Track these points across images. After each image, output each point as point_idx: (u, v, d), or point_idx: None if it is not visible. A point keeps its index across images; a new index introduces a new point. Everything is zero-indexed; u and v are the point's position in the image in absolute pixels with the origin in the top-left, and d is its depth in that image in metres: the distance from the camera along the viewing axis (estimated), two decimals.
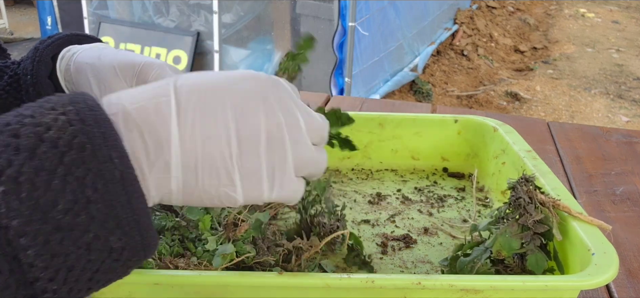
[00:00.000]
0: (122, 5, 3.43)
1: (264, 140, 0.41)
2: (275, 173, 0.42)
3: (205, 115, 0.40)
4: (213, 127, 0.40)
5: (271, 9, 3.09)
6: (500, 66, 4.18)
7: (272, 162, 0.42)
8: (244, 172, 0.41)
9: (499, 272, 0.58)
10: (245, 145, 0.40)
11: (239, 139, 0.40)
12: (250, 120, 0.41)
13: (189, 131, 0.39)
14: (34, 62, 0.61)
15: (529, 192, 0.58)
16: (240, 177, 0.41)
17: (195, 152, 0.39)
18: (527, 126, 1.09)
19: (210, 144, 0.39)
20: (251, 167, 0.41)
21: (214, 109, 0.40)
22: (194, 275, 0.49)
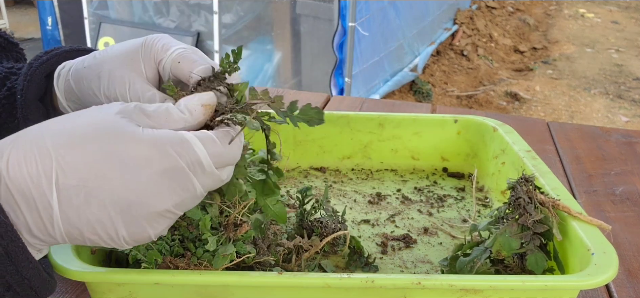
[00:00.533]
0: (123, 6, 3.43)
1: (151, 226, 0.43)
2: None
3: (89, 199, 0.41)
4: (98, 214, 0.42)
5: (271, 9, 3.09)
6: (500, 66, 4.18)
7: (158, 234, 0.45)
8: (132, 243, 0.44)
9: (498, 271, 0.58)
10: (134, 231, 0.43)
11: (127, 226, 0.42)
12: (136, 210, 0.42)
13: (73, 213, 0.41)
14: (25, 82, 0.58)
15: (528, 192, 0.58)
16: (126, 243, 0.44)
17: (81, 231, 0.42)
18: (526, 126, 1.09)
19: (96, 228, 0.42)
20: (141, 240, 0.44)
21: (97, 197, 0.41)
22: (195, 275, 0.49)
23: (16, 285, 0.40)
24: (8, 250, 0.39)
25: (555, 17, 5.23)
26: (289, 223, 0.70)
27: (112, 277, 0.50)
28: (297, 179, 0.86)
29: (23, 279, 0.41)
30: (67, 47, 0.61)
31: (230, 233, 0.56)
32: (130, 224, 0.42)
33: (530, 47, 4.52)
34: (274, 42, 3.16)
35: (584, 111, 3.49)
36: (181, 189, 0.43)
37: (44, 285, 0.43)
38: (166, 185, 0.42)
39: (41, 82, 0.59)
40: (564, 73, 4.06)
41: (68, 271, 0.49)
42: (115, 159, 0.41)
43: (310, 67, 3.13)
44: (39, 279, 0.42)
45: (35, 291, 0.42)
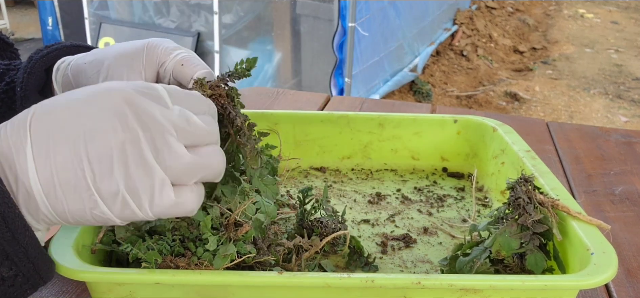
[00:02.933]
0: (123, 6, 3.43)
1: (117, 158, 0.40)
2: (139, 191, 0.41)
3: (57, 143, 0.40)
4: (66, 154, 0.40)
5: (271, 9, 3.10)
6: (500, 66, 4.18)
7: (132, 179, 0.41)
8: (104, 195, 0.41)
9: (498, 271, 0.58)
10: (98, 167, 0.40)
11: (91, 162, 0.40)
12: (99, 141, 0.40)
13: (43, 161, 0.40)
14: (25, 74, 0.59)
15: (528, 192, 0.58)
16: (102, 200, 0.41)
17: (53, 181, 0.40)
18: (526, 126, 1.10)
19: (65, 170, 0.40)
20: (110, 189, 0.40)
21: (65, 135, 0.40)
22: (195, 275, 0.49)
23: (14, 254, 0.40)
24: (4, 216, 0.39)
25: (555, 17, 5.24)
26: (289, 223, 0.70)
27: (112, 276, 0.50)
28: (297, 179, 0.86)
29: (20, 247, 0.40)
30: (68, 43, 0.63)
31: (231, 233, 0.56)
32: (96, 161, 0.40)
33: (530, 48, 4.52)
34: (274, 42, 3.16)
35: (583, 111, 3.49)
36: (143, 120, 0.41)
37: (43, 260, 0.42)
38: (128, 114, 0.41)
39: (41, 75, 0.60)
40: (563, 73, 4.06)
41: (68, 271, 0.49)
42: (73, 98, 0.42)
43: (310, 67, 3.13)
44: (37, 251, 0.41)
45: (33, 263, 0.41)
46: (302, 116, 0.87)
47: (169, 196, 0.42)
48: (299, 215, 0.68)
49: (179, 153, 0.42)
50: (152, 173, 0.41)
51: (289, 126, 0.87)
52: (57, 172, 0.40)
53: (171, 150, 0.41)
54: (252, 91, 1.27)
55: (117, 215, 0.42)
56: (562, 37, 4.74)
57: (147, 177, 0.41)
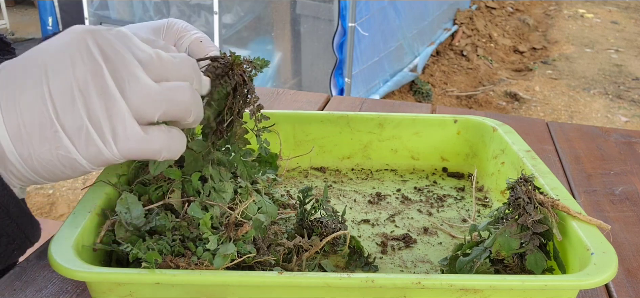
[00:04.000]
0: (123, 6, 3.43)
1: (78, 90, 0.39)
2: (102, 125, 0.40)
3: (22, 84, 0.40)
4: (29, 93, 0.39)
5: (271, 9, 3.10)
6: (500, 66, 4.18)
7: (95, 112, 0.39)
8: (68, 130, 0.40)
9: (498, 271, 0.58)
10: (60, 101, 0.39)
11: (53, 96, 0.39)
12: (60, 75, 0.39)
13: (10, 106, 0.39)
14: None
15: (528, 192, 0.58)
16: (66, 135, 0.40)
17: (18, 121, 0.39)
18: (526, 126, 1.10)
19: (30, 110, 0.39)
20: (73, 124, 0.39)
21: (28, 75, 0.40)
22: (195, 275, 0.49)
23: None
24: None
25: (555, 17, 5.24)
26: (289, 223, 0.70)
27: (112, 276, 0.50)
28: (297, 179, 0.86)
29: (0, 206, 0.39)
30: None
31: (231, 233, 0.56)
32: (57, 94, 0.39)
33: (530, 48, 4.52)
34: (274, 42, 3.16)
35: (583, 111, 3.49)
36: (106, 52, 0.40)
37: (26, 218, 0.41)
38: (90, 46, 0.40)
39: None
40: (563, 73, 4.06)
41: (68, 271, 0.49)
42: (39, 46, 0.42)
43: (310, 67, 3.13)
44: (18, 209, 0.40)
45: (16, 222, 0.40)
46: (302, 116, 0.87)
47: (133, 128, 0.40)
48: (299, 215, 0.68)
49: (142, 83, 0.40)
50: (114, 103, 0.40)
51: (289, 126, 0.87)
52: (22, 113, 0.39)
53: (135, 80, 0.40)
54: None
55: (82, 153, 0.40)
56: (562, 37, 4.74)
57: (109, 108, 0.39)
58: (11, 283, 0.62)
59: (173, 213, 0.58)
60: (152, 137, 0.41)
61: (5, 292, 0.61)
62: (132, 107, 0.40)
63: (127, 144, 0.40)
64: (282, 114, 0.87)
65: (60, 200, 2.31)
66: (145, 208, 0.58)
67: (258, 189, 0.68)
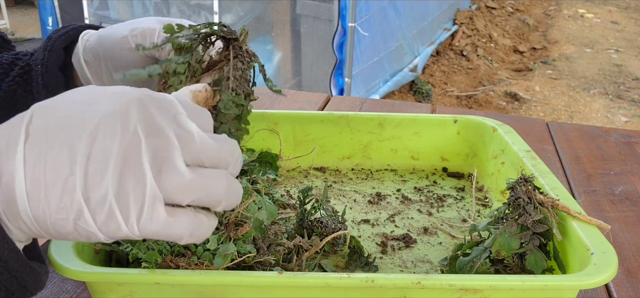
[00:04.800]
0: (123, 6, 3.43)
1: (114, 162, 0.36)
2: (129, 205, 0.37)
3: (53, 142, 0.37)
4: (61, 154, 0.36)
5: (271, 9, 3.10)
6: (500, 66, 4.18)
7: (124, 191, 0.37)
8: (91, 203, 0.37)
9: (498, 271, 0.58)
10: (91, 172, 0.36)
11: (85, 166, 0.36)
12: (99, 145, 0.36)
13: (34, 160, 0.36)
14: (46, 51, 0.61)
15: (528, 192, 0.58)
16: (88, 209, 0.37)
17: (40, 182, 0.37)
18: (526, 126, 1.10)
19: (56, 173, 0.36)
20: (98, 195, 0.37)
21: (64, 135, 0.37)
22: (195, 275, 0.49)
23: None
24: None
25: (555, 17, 5.24)
26: (289, 223, 0.70)
27: (112, 276, 0.50)
28: (297, 179, 0.86)
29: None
30: (83, 24, 0.66)
31: (231, 233, 0.56)
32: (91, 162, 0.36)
33: (530, 48, 4.52)
34: (274, 42, 3.16)
35: (583, 111, 3.49)
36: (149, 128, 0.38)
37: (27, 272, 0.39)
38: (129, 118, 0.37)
39: (60, 52, 0.62)
40: (563, 73, 4.06)
41: (68, 271, 0.49)
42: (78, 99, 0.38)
43: (310, 67, 3.13)
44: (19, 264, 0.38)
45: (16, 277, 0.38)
46: (302, 116, 0.87)
47: (159, 213, 0.38)
48: (299, 215, 0.68)
49: (178, 170, 0.38)
50: (145, 185, 0.37)
51: (289, 126, 0.87)
52: (46, 172, 0.37)
53: (172, 166, 0.38)
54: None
55: (100, 227, 0.38)
56: (562, 37, 4.74)
57: (139, 188, 0.37)
58: None
59: None
60: (177, 222, 0.39)
61: None
62: (163, 192, 0.38)
63: (150, 228, 0.38)
64: (282, 114, 0.87)
65: None
66: None
67: (258, 189, 0.68)
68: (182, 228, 0.39)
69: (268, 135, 0.86)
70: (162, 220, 0.38)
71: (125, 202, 0.37)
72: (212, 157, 0.40)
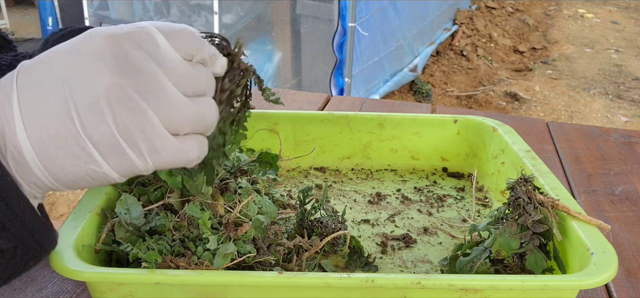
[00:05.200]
0: (123, 6, 3.43)
1: (106, 104, 0.37)
2: (136, 139, 0.38)
3: (44, 91, 0.37)
4: (53, 104, 0.37)
5: (271, 9, 3.10)
6: (500, 66, 4.18)
7: (127, 127, 0.37)
8: (98, 145, 0.37)
9: (498, 271, 0.58)
10: (87, 116, 0.37)
11: (78, 111, 0.37)
12: (86, 86, 0.37)
13: (31, 112, 0.37)
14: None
15: (528, 192, 0.58)
16: (97, 150, 0.38)
17: (43, 136, 0.37)
18: (526, 126, 1.10)
19: (54, 121, 0.37)
20: (103, 139, 0.37)
21: (51, 82, 0.37)
22: (195, 275, 0.49)
23: (10, 225, 0.37)
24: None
25: (555, 17, 5.24)
26: (289, 223, 0.70)
27: (112, 276, 0.50)
28: (297, 179, 0.86)
29: (16, 217, 0.37)
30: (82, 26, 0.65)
31: (231, 233, 0.56)
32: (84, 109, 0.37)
33: (530, 48, 4.53)
34: (274, 42, 3.16)
35: (583, 111, 3.49)
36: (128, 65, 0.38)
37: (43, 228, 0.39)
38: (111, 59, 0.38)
39: None
40: (563, 73, 4.06)
41: (68, 270, 0.49)
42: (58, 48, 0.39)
43: (310, 67, 3.13)
44: (35, 220, 0.38)
45: (33, 233, 0.38)
46: (302, 116, 0.87)
47: (169, 141, 0.39)
48: (299, 215, 0.68)
49: (178, 100, 0.39)
50: (146, 118, 0.38)
51: (289, 126, 0.87)
52: (46, 125, 0.37)
53: (171, 96, 0.39)
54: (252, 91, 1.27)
55: (114, 168, 0.38)
56: (562, 37, 4.74)
57: (141, 122, 0.38)
58: (11, 283, 0.62)
59: (173, 213, 0.58)
60: (187, 146, 0.40)
61: (5, 291, 0.61)
62: (164, 122, 0.38)
63: (164, 157, 0.39)
64: (282, 114, 0.87)
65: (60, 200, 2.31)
66: (145, 209, 0.58)
67: (258, 189, 0.68)
68: (193, 152, 0.40)
69: (268, 135, 0.86)
70: (173, 146, 0.39)
71: (132, 139, 0.38)
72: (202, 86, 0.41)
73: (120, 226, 0.57)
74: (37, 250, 0.39)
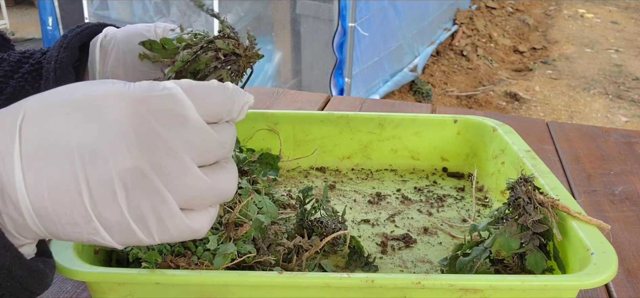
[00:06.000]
0: (123, 6, 3.43)
1: (121, 186, 0.35)
2: (147, 220, 0.36)
3: (51, 158, 0.34)
4: (59, 173, 0.34)
5: (271, 9, 3.10)
6: (500, 66, 4.18)
7: (139, 209, 0.35)
8: (106, 223, 0.35)
9: (498, 271, 0.58)
10: (98, 193, 0.35)
11: (89, 186, 0.35)
12: (100, 165, 0.34)
13: (33, 177, 0.34)
14: (61, 49, 0.61)
15: (528, 192, 0.58)
16: (103, 227, 0.36)
17: (44, 201, 0.35)
18: (526, 126, 1.10)
19: (59, 193, 0.35)
20: (112, 218, 0.35)
21: (60, 150, 0.35)
22: (195, 275, 0.49)
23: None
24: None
25: (555, 17, 5.24)
26: (289, 223, 0.70)
27: (112, 276, 0.50)
28: (297, 179, 0.86)
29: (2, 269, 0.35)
30: (97, 23, 0.65)
31: (231, 233, 0.56)
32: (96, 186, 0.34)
33: (530, 48, 4.52)
34: (274, 42, 3.16)
35: (583, 111, 3.49)
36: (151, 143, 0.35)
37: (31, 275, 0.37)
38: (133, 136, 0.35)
39: (75, 50, 0.62)
40: (563, 73, 4.06)
41: (68, 271, 0.49)
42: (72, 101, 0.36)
43: (310, 67, 3.13)
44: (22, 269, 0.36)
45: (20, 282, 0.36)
46: (302, 116, 0.87)
47: (181, 223, 0.37)
48: (299, 215, 0.68)
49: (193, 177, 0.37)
50: (162, 202, 0.36)
51: (289, 126, 0.87)
52: (50, 191, 0.35)
53: (185, 173, 0.36)
54: (252, 91, 1.27)
55: (118, 241, 0.37)
56: (562, 37, 4.74)
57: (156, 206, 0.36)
58: None
59: None
60: (197, 226, 0.38)
61: None
62: (180, 201, 0.37)
63: (173, 236, 0.37)
64: (282, 114, 0.87)
65: None
66: None
67: (258, 189, 0.68)
68: (204, 228, 0.39)
69: (268, 135, 0.86)
70: (184, 227, 0.37)
71: (143, 221, 0.36)
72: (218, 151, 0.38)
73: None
74: (26, 295, 0.38)
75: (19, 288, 0.37)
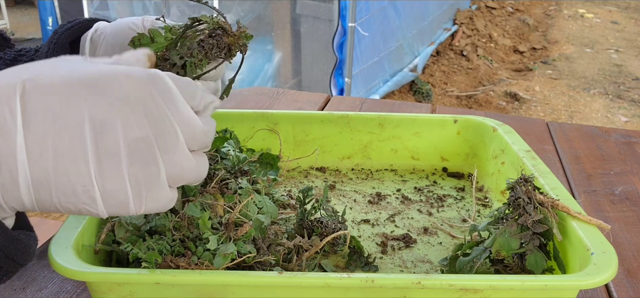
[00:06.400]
0: (123, 6, 3.43)
1: (127, 155, 0.37)
2: (142, 189, 0.38)
3: (58, 126, 0.35)
4: (67, 141, 0.35)
5: (271, 9, 3.10)
6: (500, 66, 4.18)
7: (138, 178, 0.38)
8: (105, 191, 0.37)
9: (498, 271, 0.58)
10: (106, 162, 0.36)
11: (98, 155, 0.36)
12: (110, 134, 0.36)
13: (38, 145, 0.35)
14: (51, 45, 0.61)
15: (528, 192, 0.58)
16: (101, 195, 0.37)
17: (47, 169, 0.35)
18: (526, 126, 1.10)
19: (65, 161, 0.35)
20: (113, 186, 0.37)
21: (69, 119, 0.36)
22: (195, 275, 0.49)
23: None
24: None
25: (555, 17, 5.24)
26: (289, 223, 0.70)
27: (112, 276, 0.50)
28: (297, 179, 0.86)
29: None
30: (88, 18, 0.65)
31: (231, 233, 0.56)
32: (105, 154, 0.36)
33: (530, 48, 4.53)
34: (274, 42, 3.16)
35: (583, 111, 3.49)
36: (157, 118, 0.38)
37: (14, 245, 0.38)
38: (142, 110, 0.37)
39: (66, 46, 0.62)
40: (563, 73, 4.06)
41: (68, 271, 0.49)
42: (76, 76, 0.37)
43: (310, 67, 3.13)
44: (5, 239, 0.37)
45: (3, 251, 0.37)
46: (302, 116, 0.87)
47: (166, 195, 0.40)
48: (299, 215, 0.68)
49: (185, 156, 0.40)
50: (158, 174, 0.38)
51: (289, 126, 0.87)
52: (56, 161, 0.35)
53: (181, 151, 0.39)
54: (252, 91, 1.27)
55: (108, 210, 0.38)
56: (562, 37, 4.74)
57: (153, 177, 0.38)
58: (11, 283, 0.62)
59: (173, 213, 0.58)
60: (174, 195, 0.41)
61: (5, 291, 0.61)
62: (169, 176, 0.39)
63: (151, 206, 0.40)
64: (282, 114, 0.87)
65: None
66: None
67: (258, 189, 0.68)
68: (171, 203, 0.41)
69: (268, 135, 0.86)
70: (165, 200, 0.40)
71: (139, 190, 0.38)
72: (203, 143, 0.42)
73: (120, 226, 0.57)
74: (10, 265, 0.38)
75: (2, 257, 0.38)
